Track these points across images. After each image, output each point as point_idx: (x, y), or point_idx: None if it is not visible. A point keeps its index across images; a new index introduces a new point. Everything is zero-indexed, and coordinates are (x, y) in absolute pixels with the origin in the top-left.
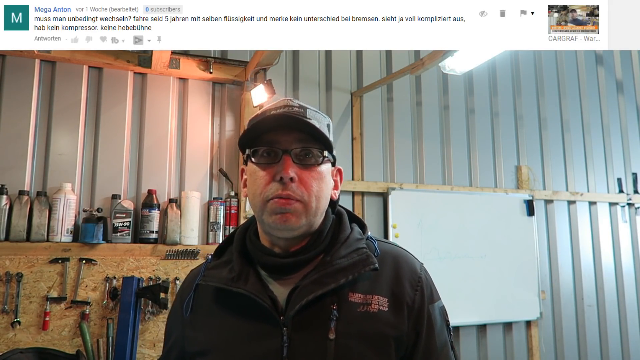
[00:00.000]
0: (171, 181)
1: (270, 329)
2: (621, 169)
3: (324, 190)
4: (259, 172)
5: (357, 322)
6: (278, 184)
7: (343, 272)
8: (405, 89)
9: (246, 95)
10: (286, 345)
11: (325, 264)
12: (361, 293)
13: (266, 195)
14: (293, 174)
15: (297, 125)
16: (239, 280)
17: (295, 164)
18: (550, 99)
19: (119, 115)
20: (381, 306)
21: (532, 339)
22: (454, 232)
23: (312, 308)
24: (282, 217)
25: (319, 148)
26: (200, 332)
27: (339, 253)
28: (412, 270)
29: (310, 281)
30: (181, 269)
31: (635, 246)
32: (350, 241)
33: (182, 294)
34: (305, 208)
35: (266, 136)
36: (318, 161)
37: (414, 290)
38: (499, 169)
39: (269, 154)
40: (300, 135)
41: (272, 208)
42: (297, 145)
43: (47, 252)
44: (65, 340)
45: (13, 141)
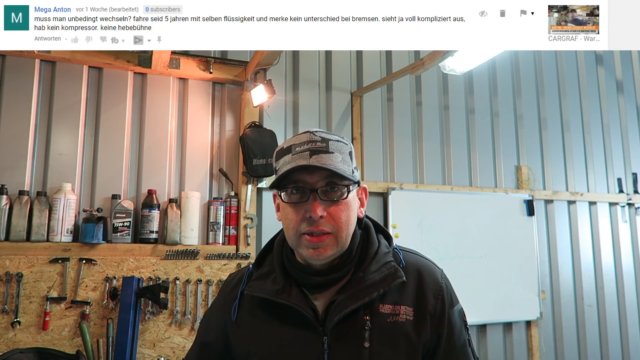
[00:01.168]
0: (171, 181)
1: (312, 336)
2: (621, 169)
3: (351, 218)
4: (290, 209)
5: (388, 331)
6: (308, 220)
7: (375, 287)
8: (405, 89)
9: (246, 95)
10: (327, 352)
11: (359, 279)
12: (390, 304)
13: (298, 230)
14: (321, 212)
15: (322, 163)
16: (283, 293)
17: (323, 200)
18: (550, 99)
19: (119, 115)
20: (408, 316)
21: (532, 339)
22: (454, 232)
23: (348, 319)
24: (315, 251)
25: (344, 184)
26: (247, 336)
27: (370, 268)
28: (434, 281)
29: (346, 296)
30: (181, 269)
31: (635, 246)
32: (379, 256)
33: (225, 298)
34: (336, 239)
35: (293, 175)
36: (344, 195)
37: (435, 299)
38: (499, 169)
39: (297, 190)
40: (325, 172)
41: (305, 244)
42: (323, 182)
43: (47, 252)
44: (65, 340)
45: (13, 141)
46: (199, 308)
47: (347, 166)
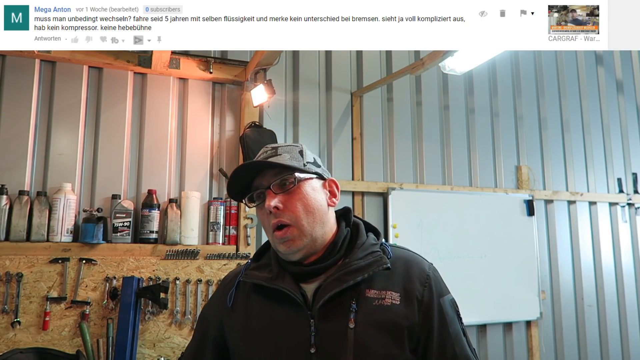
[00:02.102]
0: (171, 181)
1: (300, 319)
2: (621, 169)
3: (311, 205)
4: (259, 212)
5: (374, 313)
6: (270, 216)
7: (360, 271)
8: (405, 89)
9: (246, 95)
10: (314, 333)
11: (345, 265)
12: (376, 289)
13: (269, 229)
14: (275, 203)
15: (264, 166)
16: (276, 279)
17: (279, 193)
18: (550, 99)
19: (119, 115)
20: (394, 300)
21: (532, 339)
22: (454, 232)
23: (335, 302)
24: (286, 244)
25: (290, 174)
26: (241, 318)
27: (356, 255)
28: (421, 270)
29: (332, 279)
30: (181, 269)
31: (635, 246)
32: (366, 246)
33: (223, 288)
34: (298, 228)
35: (253, 183)
36: (292, 185)
37: (422, 286)
38: (499, 169)
39: (259, 197)
40: (274, 171)
41: (276, 240)
42: (274, 179)
43: (47, 252)
44: (65, 340)
45: (13, 141)
46: (199, 308)
47: (295, 162)
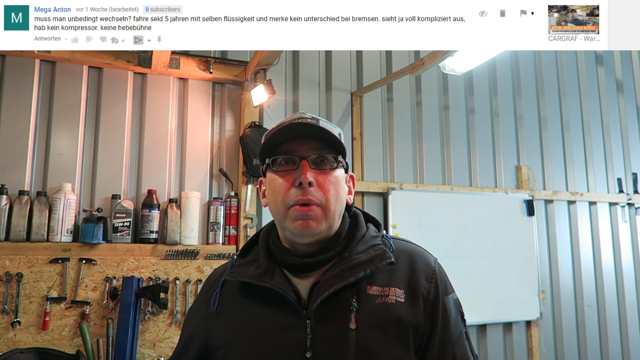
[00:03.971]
0: (171, 181)
1: (294, 320)
2: (621, 169)
3: (340, 193)
4: (279, 179)
5: (376, 312)
6: (298, 189)
7: (361, 267)
8: (405, 89)
9: (246, 95)
10: (309, 336)
11: (344, 259)
12: (379, 286)
13: (287, 201)
14: (311, 178)
15: (312, 132)
16: (265, 276)
17: (312, 169)
18: (550, 99)
19: (119, 115)
20: (398, 297)
21: (532, 339)
22: (454, 232)
23: (333, 301)
24: (304, 223)
25: (333, 154)
26: (226, 325)
27: (357, 249)
28: (427, 264)
29: (330, 276)
30: (181, 269)
31: (635, 246)
32: (367, 238)
33: (207, 290)
34: (324, 212)
35: (284, 146)
36: (333, 166)
37: (428, 283)
38: (499, 169)
39: (288, 162)
40: (315, 144)
41: (293, 215)
42: (313, 152)
43: (47, 252)
44: (65, 340)
45: (13, 141)
46: None
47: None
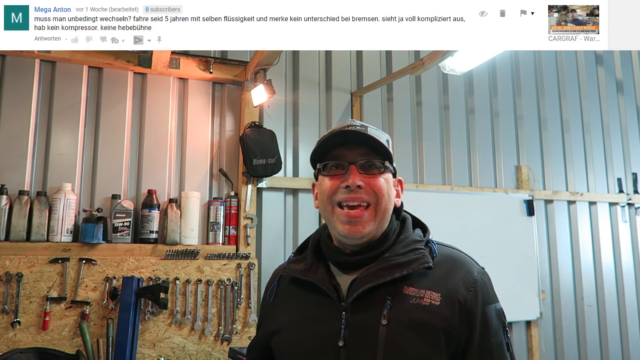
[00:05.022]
0: (171, 181)
1: (332, 312)
2: (621, 169)
3: (390, 194)
4: (328, 181)
5: (409, 312)
6: (346, 190)
7: (398, 268)
8: (405, 89)
9: (246, 95)
10: (344, 327)
11: (384, 259)
12: (415, 288)
13: (335, 199)
14: (359, 182)
15: (360, 139)
16: (309, 272)
17: (360, 173)
18: (550, 99)
19: (119, 115)
20: (433, 300)
21: (532, 339)
22: (454, 232)
23: (369, 297)
24: (353, 227)
25: (380, 159)
26: (279, 313)
27: (397, 251)
28: (468, 273)
29: (368, 273)
30: (181, 269)
31: (635, 246)
32: (409, 241)
33: (268, 285)
34: (374, 211)
35: (334, 152)
36: (380, 170)
37: (467, 291)
38: (499, 169)
39: (337, 166)
40: (363, 150)
41: (342, 218)
42: (361, 158)
43: (47, 252)
44: (65, 340)
45: (13, 141)
46: (198, 308)
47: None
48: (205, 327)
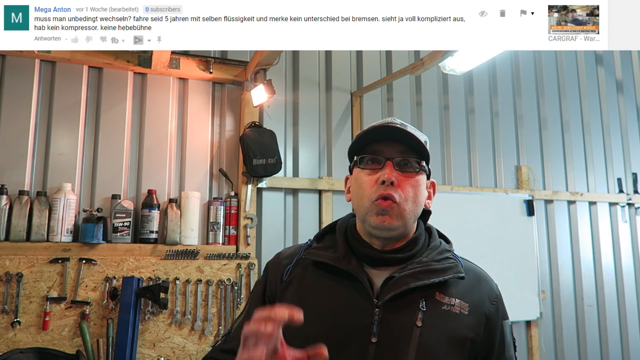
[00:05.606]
0: (171, 181)
1: (365, 306)
2: (621, 169)
3: (418, 196)
4: (365, 176)
5: (441, 318)
6: (380, 186)
7: (435, 273)
8: (405, 89)
9: (246, 95)
10: (376, 323)
11: (422, 263)
12: (447, 295)
13: (371, 196)
14: (394, 178)
15: (399, 136)
16: (343, 260)
17: (396, 170)
18: (550, 99)
19: (119, 115)
20: (462, 309)
21: (532, 339)
22: (454, 232)
23: (404, 298)
24: (382, 218)
25: (417, 158)
26: (296, 295)
27: (434, 257)
28: (491, 287)
29: (407, 274)
30: (181, 269)
31: (635, 246)
32: (442, 250)
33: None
34: (400, 210)
35: (372, 147)
36: (416, 170)
37: (491, 304)
38: (499, 169)
39: (374, 161)
40: (401, 147)
41: (375, 209)
42: (398, 155)
43: (47, 252)
44: (65, 340)
45: (13, 141)
46: (198, 308)
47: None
48: (205, 327)
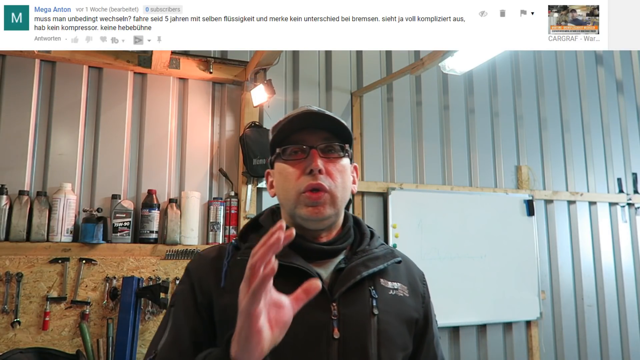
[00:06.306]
0: (171, 181)
1: (320, 302)
2: (621, 169)
3: (346, 182)
4: (290, 168)
5: (391, 303)
6: (308, 176)
7: (381, 260)
8: (405, 89)
9: (246, 95)
10: (335, 318)
11: (365, 251)
12: (389, 280)
13: (299, 188)
14: (321, 165)
15: (320, 122)
16: (287, 257)
17: (322, 157)
18: (550, 99)
19: (119, 115)
20: (405, 292)
21: (532, 339)
22: (454, 232)
23: (356, 288)
24: (314, 209)
25: (341, 143)
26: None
27: (374, 244)
28: (418, 269)
29: (357, 264)
30: (181, 269)
31: (635, 246)
32: (376, 238)
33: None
34: (332, 198)
35: (294, 137)
36: (341, 155)
37: (422, 285)
38: (499, 169)
39: (297, 151)
40: (324, 134)
41: (305, 201)
42: (322, 141)
43: (47, 252)
44: (65, 340)
45: (13, 141)
46: None
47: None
48: None
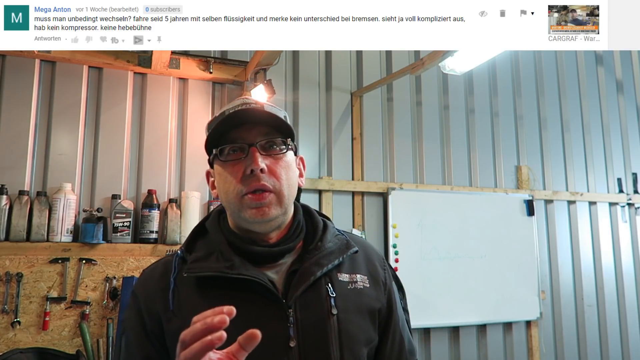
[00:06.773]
0: (171, 181)
1: (275, 311)
2: (621, 169)
3: (292, 177)
4: (229, 169)
5: (350, 297)
6: (249, 177)
7: (334, 255)
8: (405, 89)
9: (246, 95)
10: (292, 325)
11: (318, 248)
12: (346, 273)
13: (240, 190)
14: (263, 164)
15: (258, 118)
16: (237, 268)
17: (262, 155)
18: (550, 99)
19: (119, 115)
20: (364, 283)
21: (532, 339)
22: (454, 232)
23: (311, 288)
24: (259, 210)
25: (282, 137)
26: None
27: (326, 238)
28: (378, 254)
29: (309, 264)
30: None
31: (635, 246)
32: (330, 229)
33: (150, 293)
34: (278, 197)
35: (231, 134)
36: (283, 150)
37: (383, 270)
38: (499, 169)
39: (236, 150)
40: (263, 129)
41: (248, 203)
42: (262, 138)
43: (47, 252)
44: (65, 340)
45: (13, 141)
46: None
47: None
48: None
